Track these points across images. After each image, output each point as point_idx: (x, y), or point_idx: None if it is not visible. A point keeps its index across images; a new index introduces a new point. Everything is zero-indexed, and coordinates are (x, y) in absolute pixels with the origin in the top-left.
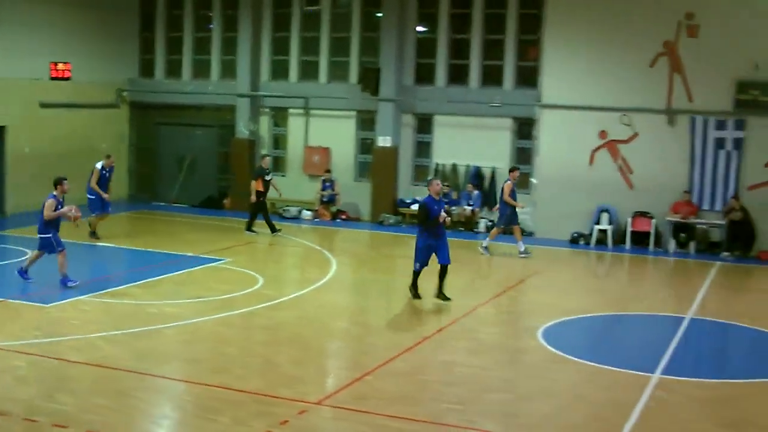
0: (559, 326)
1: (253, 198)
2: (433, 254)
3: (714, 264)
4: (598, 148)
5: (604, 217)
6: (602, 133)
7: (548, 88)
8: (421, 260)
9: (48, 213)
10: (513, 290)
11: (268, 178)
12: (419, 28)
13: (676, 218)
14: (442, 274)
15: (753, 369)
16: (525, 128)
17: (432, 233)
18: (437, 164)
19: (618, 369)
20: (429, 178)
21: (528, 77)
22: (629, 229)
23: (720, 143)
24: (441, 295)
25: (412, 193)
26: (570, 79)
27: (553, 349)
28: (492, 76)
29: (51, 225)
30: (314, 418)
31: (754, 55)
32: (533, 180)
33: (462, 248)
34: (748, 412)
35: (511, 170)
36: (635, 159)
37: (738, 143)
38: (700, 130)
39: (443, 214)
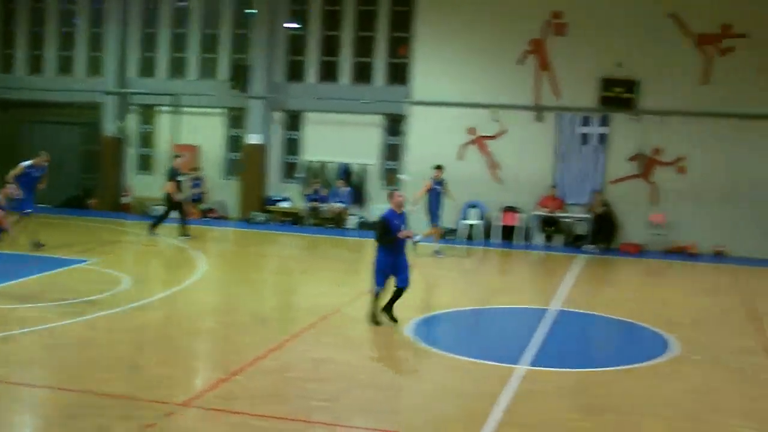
0: (428, 321)
1: (176, 198)
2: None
3: (579, 256)
4: (466, 144)
5: (473, 212)
6: (471, 130)
7: (418, 85)
8: (380, 282)
9: None
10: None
11: (181, 179)
12: (290, 25)
13: (543, 212)
14: (396, 296)
15: (613, 357)
16: (395, 125)
17: (391, 251)
18: (307, 161)
19: (485, 361)
20: (391, 189)
21: (399, 74)
22: (497, 223)
23: (585, 139)
24: (390, 315)
25: (282, 191)
26: (440, 76)
27: (422, 344)
28: (363, 73)
29: None
30: (181, 420)
31: (618, 54)
32: (402, 176)
33: (332, 245)
34: (608, 399)
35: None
36: (503, 155)
37: (602, 139)
38: (567, 126)
39: (405, 230)
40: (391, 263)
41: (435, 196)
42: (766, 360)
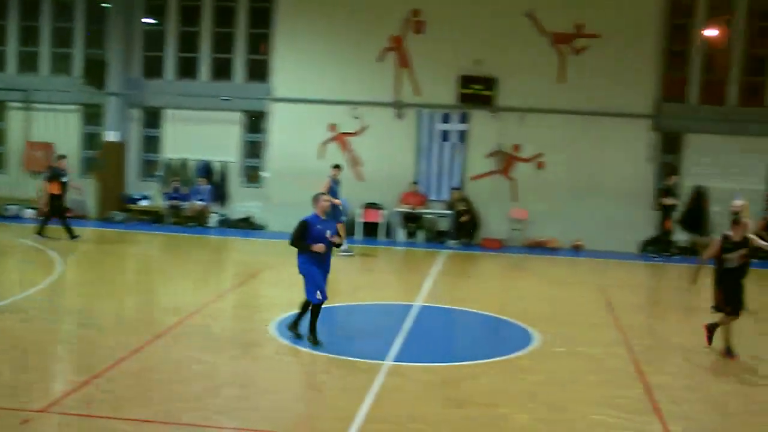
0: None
1: (45, 201)
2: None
3: (441, 252)
4: (328, 141)
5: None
6: (332, 127)
7: (279, 81)
8: (320, 287)
9: None
10: (245, 285)
11: (64, 179)
12: (147, 20)
13: (405, 209)
14: (305, 311)
15: (478, 351)
16: (256, 122)
17: (314, 258)
18: (167, 159)
19: (351, 358)
20: (316, 193)
21: (259, 71)
22: (360, 220)
23: (445, 136)
24: (295, 331)
25: (142, 189)
26: (300, 72)
27: (287, 342)
28: (222, 70)
29: None
30: (39, 426)
31: (477, 52)
32: (264, 173)
33: (193, 244)
34: (473, 392)
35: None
36: (365, 151)
37: (462, 135)
38: (427, 123)
39: (332, 236)
40: (317, 272)
41: (333, 195)
42: (622, 350)
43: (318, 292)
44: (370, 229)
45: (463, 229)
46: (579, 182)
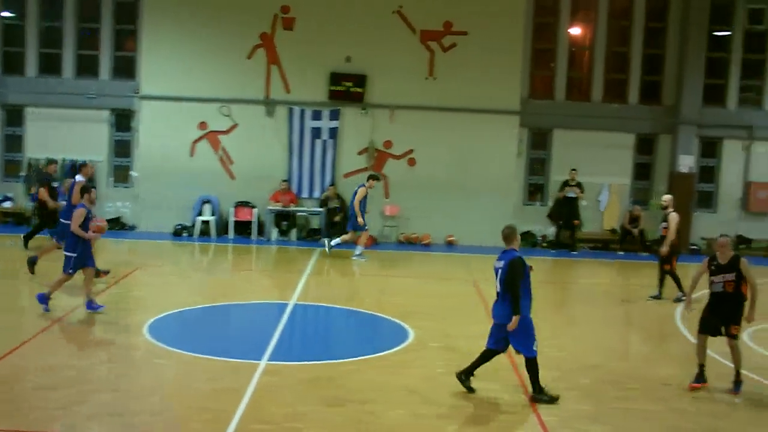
0: (165, 320)
1: (51, 205)
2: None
3: (315, 250)
4: (198, 140)
5: (207, 208)
6: (202, 125)
7: (147, 79)
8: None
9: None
10: (116, 287)
11: (55, 185)
12: (5, 14)
13: (277, 207)
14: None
15: (354, 348)
16: (123, 120)
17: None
18: (30, 159)
19: (226, 359)
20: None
21: (126, 68)
22: (232, 219)
23: (317, 133)
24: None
25: (4, 190)
26: (169, 70)
27: (160, 344)
28: (88, 67)
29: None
30: None
31: (347, 49)
32: (133, 173)
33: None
34: (351, 389)
35: (369, 178)
36: (235, 150)
37: (333, 133)
38: (298, 120)
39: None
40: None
41: (363, 206)
42: None
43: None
44: (242, 228)
45: (336, 227)
46: (450, 178)
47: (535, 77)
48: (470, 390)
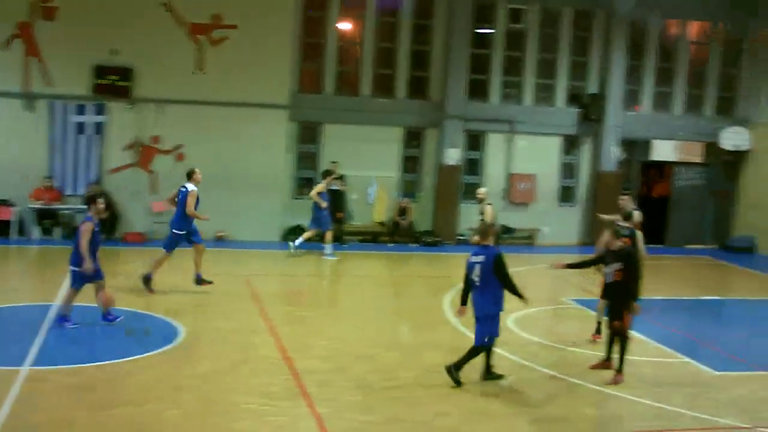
0: None
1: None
2: None
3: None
4: None
5: None
6: None
7: None
8: None
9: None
10: None
11: None
12: None
13: (38, 205)
14: None
15: (123, 349)
16: None
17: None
18: None
19: None
20: None
21: None
22: None
23: (81, 128)
24: None
25: None
26: None
27: None
28: None
29: None
30: None
31: (113, 41)
32: None
33: None
34: (121, 392)
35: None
36: None
37: (99, 128)
38: (60, 114)
39: None
40: None
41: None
42: (270, 338)
43: None
44: (1, 228)
45: (105, 223)
46: (220, 173)
47: (305, 71)
48: (458, 383)
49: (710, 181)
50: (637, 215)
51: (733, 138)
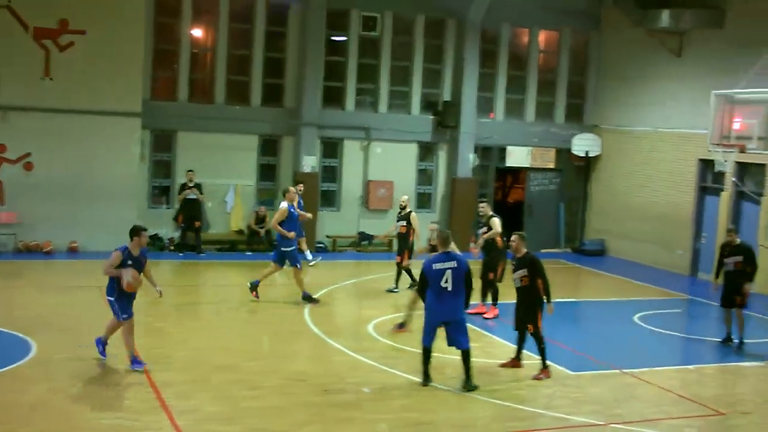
0: None
1: None
2: None
3: None
4: None
5: None
6: None
7: None
8: None
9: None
10: None
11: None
12: None
13: None
14: None
15: None
16: None
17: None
18: None
19: None
20: None
21: None
22: None
23: None
24: None
25: None
26: None
27: None
28: None
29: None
30: None
31: None
32: None
33: None
34: None
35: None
36: None
37: None
38: None
39: None
40: None
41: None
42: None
43: None
44: None
45: None
46: (72, 182)
47: (158, 79)
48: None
49: (563, 186)
50: (497, 222)
51: (583, 144)
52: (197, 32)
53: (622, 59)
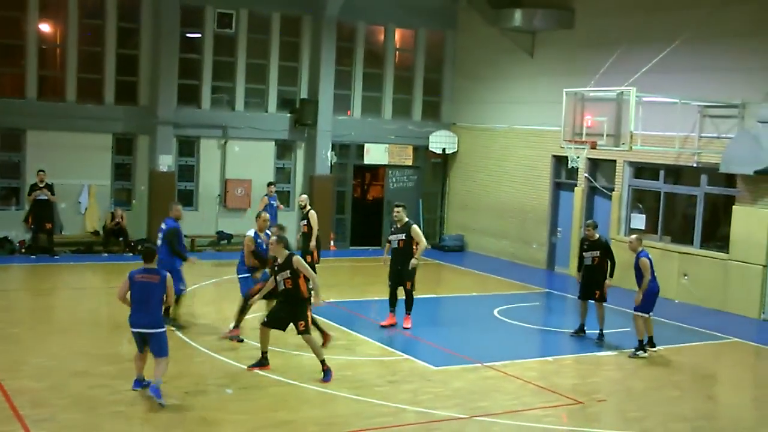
0: None
1: None
2: None
3: None
4: None
5: None
6: None
7: None
8: None
9: None
10: None
11: None
12: None
13: None
14: None
15: None
16: None
17: None
18: None
19: None
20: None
21: None
22: None
23: None
24: None
25: None
26: None
27: None
28: None
29: None
30: None
31: None
32: None
33: None
34: None
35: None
36: None
37: None
38: None
39: None
40: None
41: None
42: None
43: None
44: None
45: None
46: None
47: (3, 75)
48: None
49: (421, 182)
50: (415, 229)
51: (440, 141)
52: (45, 27)
53: (477, 58)
